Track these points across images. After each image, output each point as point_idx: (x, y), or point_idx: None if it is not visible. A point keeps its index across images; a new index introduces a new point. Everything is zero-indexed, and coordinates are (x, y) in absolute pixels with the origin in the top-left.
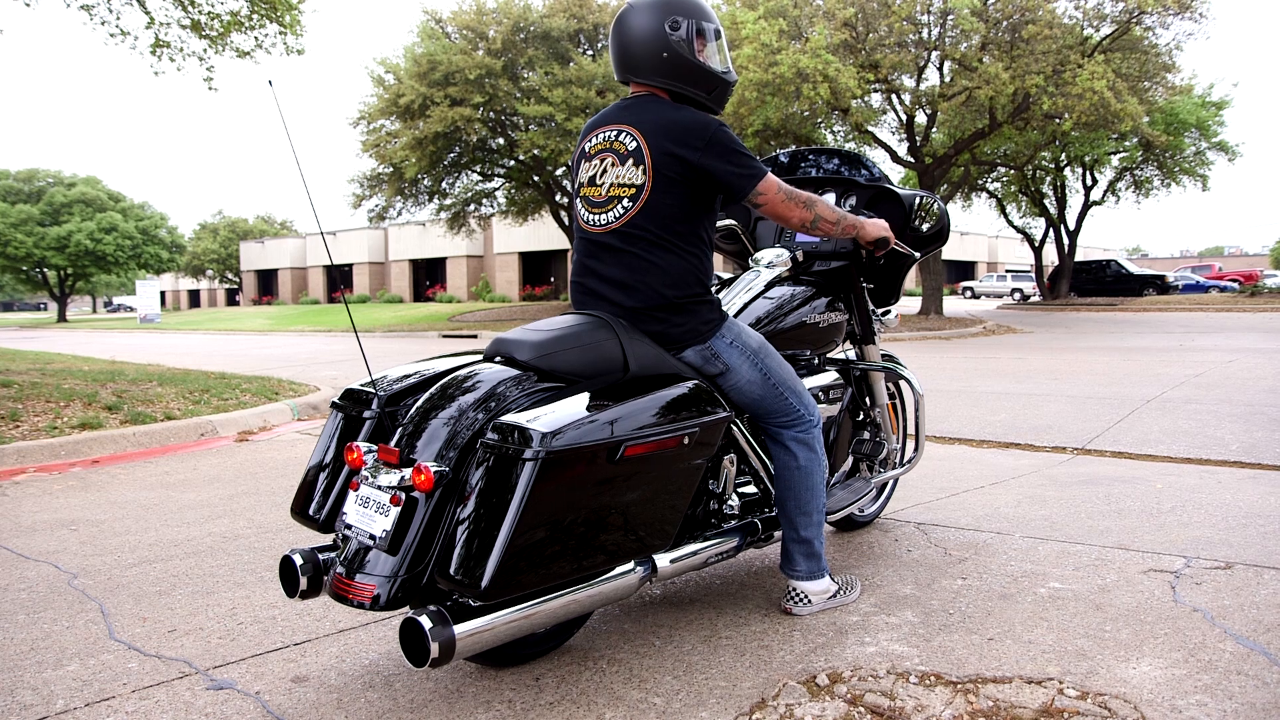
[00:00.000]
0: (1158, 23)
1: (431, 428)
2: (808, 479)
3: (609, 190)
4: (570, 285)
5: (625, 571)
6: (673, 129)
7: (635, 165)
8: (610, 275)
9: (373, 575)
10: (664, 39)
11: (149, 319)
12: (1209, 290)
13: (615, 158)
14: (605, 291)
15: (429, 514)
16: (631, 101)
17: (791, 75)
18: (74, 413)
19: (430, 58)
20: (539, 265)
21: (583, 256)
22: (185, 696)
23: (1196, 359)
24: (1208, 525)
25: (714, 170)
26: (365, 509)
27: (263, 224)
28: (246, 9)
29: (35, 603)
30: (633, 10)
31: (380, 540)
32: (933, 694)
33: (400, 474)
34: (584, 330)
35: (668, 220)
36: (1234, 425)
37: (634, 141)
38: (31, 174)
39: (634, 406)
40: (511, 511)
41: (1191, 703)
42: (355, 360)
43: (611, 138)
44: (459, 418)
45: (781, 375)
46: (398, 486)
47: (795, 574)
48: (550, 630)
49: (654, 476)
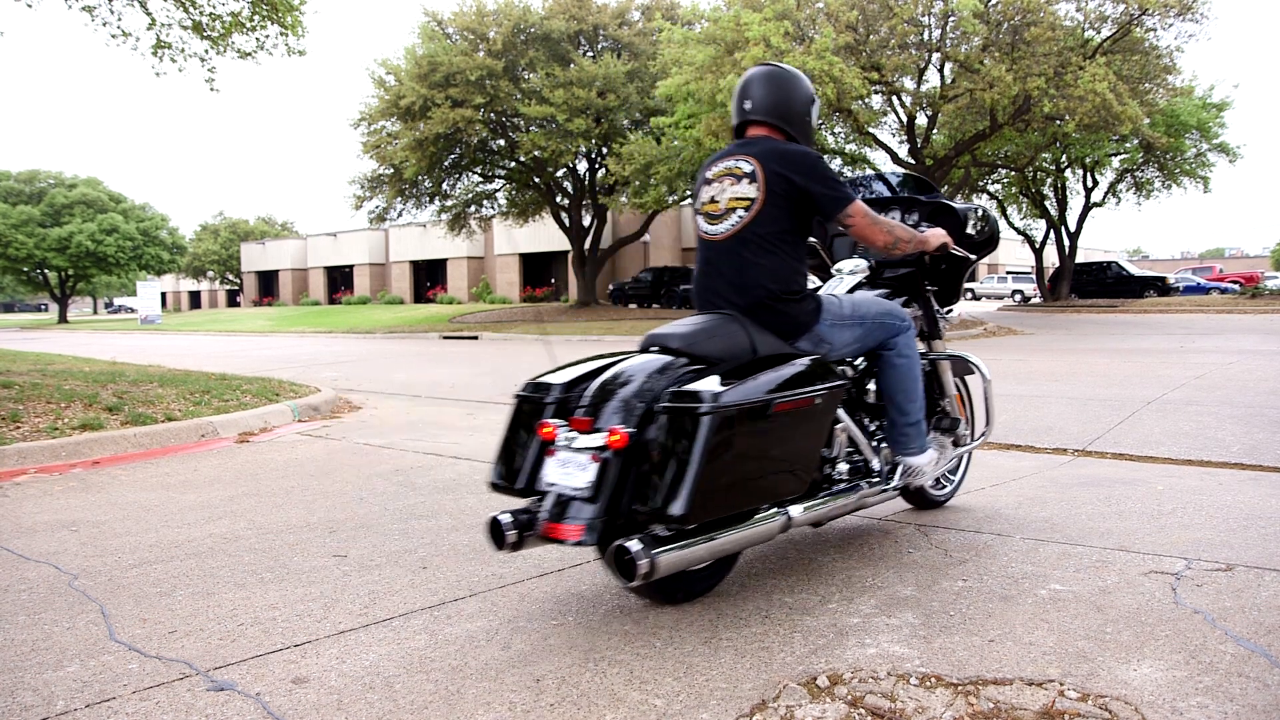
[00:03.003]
0: (1159, 24)
1: (614, 402)
2: (910, 374)
3: (726, 203)
4: (694, 288)
5: (771, 515)
6: (784, 157)
7: (750, 183)
8: (726, 275)
9: (578, 519)
10: (791, 95)
11: (150, 320)
12: (1210, 292)
13: (732, 178)
14: (723, 291)
15: (620, 467)
16: (747, 140)
17: None
18: (75, 414)
19: (431, 59)
20: (540, 266)
21: (702, 263)
22: (186, 698)
23: (1197, 360)
24: (1208, 527)
25: (813, 192)
26: (565, 468)
27: (263, 225)
28: (248, 10)
29: (36, 604)
30: (765, 72)
31: (583, 491)
32: (933, 696)
33: (595, 438)
34: (720, 324)
35: (773, 229)
36: (1235, 427)
37: (749, 165)
38: (32, 175)
39: (774, 375)
40: (695, 456)
41: (1192, 704)
42: (355, 361)
43: (730, 165)
44: (636, 392)
45: (872, 313)
46: (595, 448)
47: (909, 451)
48: (710, 568)
49: (794, 429)
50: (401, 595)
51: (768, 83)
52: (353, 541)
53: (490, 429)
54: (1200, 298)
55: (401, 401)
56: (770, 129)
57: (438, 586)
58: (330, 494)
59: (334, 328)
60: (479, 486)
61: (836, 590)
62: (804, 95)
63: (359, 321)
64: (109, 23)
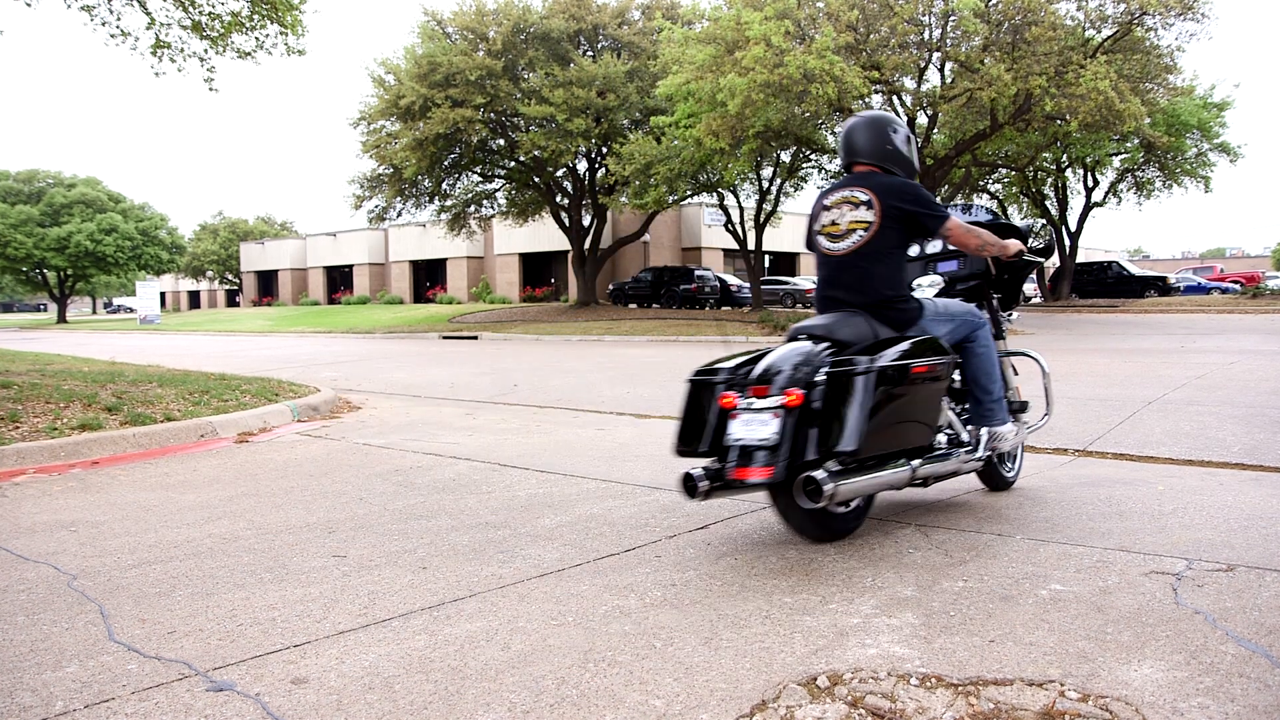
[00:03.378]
0: (1159, 23)
1: (782, 374)
2: (990, 359)
3: (847, 225)
4: (816, 297)
5: (901, 465)
6: (893, 189)
7: (867, 209)
8: (847, 284)
9: (766, 462)
10: (887, 138)
11: (149, 320)
12: (1210, 292)
13: (850, 205)
14: (843, 296)
15: (795, 421)
16: (857, 175)
17: (799, 76)
18: (74, 414)
19: (431, 59)
20: (539, 266)
21: (824, 276)
22: (185, 698)
23: (1198, 360)
24: (1209, 527)
25: (919, 214)
26: (748, 426)
27: (263, 225)
28: (247, 9)
29: (34, 604)
30: (866, 120)
31: (768, 440)
32: (934, 696)
33: (774, 400)
34: (850, 317)
35: (886, 245)
36: (1236, 427)
37: (865, 195)
38: (31, 175)
39: (906, 347)
40: (857, 404)
41: (1193, 705)
42: (355, 361)
43: (847, 195)
44: (799, 365)
45: (958, 311)
46: (775, 406)
47: (994, 422)
48: (852, 513)
49: (923, 391)
50: (401, 595)
51: (869, 129)
52: (352, 542)
53: (490, 429)
54: (1201, 298)
55: (401, 401)
56: (873, 166)
57: (437, 587)
58: (329, 494)
59: (333, 328)
60: (479, 486)
61: (837, 590)
62: (900, 136)
63: (358, 321)
64: (108, 22)
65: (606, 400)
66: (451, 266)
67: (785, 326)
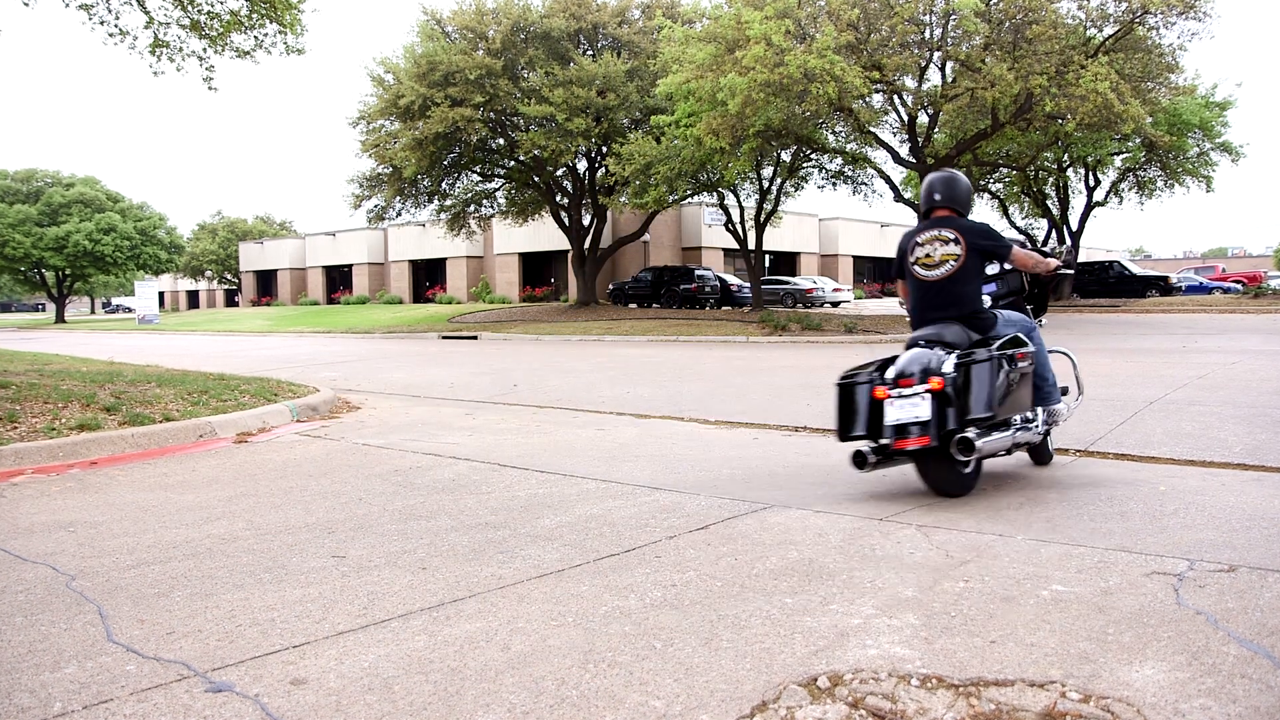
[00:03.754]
0: (1161, 22)
1: (921, 368)
2: (1043, 353)
3: (940, 257)
4: (913, 312)
5: (1008, 431)
6: (974, 229)
7: (955, 245)
8: (942, 303)
9: (922, 433)
10: (964, 192)
11: (147, 320)
12: (1212, 291)
13: (940, 242)
14: (941, 311)
15: (939, 401)
16: (940, 218)
17: (799, 75)
18: (72, 414)
19: (430, 58)
20: (539, 266)
21: (920, 296)
22: (184, 699)
23: (1200, 360)
24: (1211, 528)
25: (993, 249)
26: (902, 410)
27: (261, 225)
28: (246, 9)
29: (33, 605)
30: (945, 176)
31: (921, 418)
32: (934, 697)
33: (922, 386)
34: (950, 326)
35: (969, 272)
36: (1237, 427)
37: (952, 234)
38: (30, 174)
39: (1005, 342)
40: (984, 384)
41: (1195, 706)
42: (354, 361)
43: (936, 234)
44: (930, 361)
45: (1016, 319)
46: (924, 391)
47: (1051, 401)
48: (972, 472)
49: (1021, 372)
50: (400, 596)
51: (947, 183)
52: (351, 542)
53: (490, 429)
54: (1203, 297)
55: (400, 401)
56: (950, 210)
57: (437, 587)
58: (329, 494)
59: (332, 327)
60: (478, 487)
61: (837, 591)
62: (968, 188)
63: (358, 321)
64: (106, 21)
65: (606, 400)
66: (451, 266)
67: (786, 326)
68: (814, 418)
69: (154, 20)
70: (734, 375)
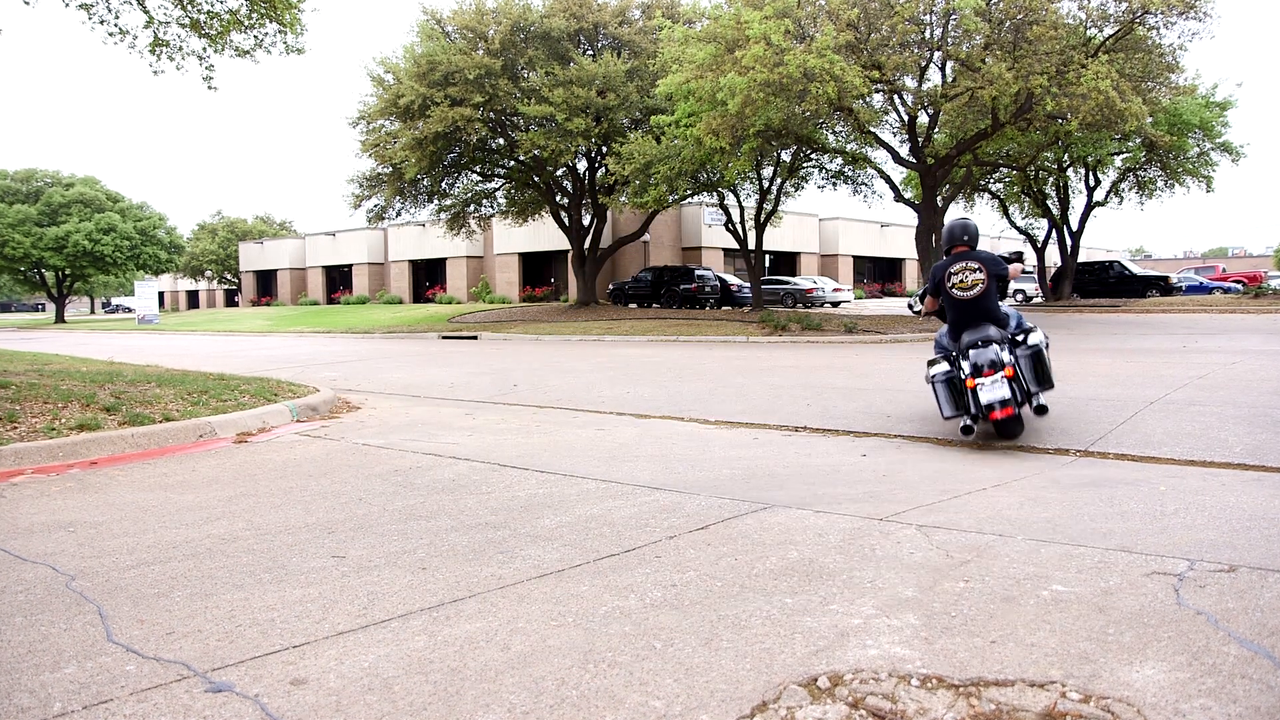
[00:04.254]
0: (1162, 22)
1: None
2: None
3: (971, 283)
4: (954, 323)
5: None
6: (990, 260)
7: (980, 273)
8: (976, 313)
9: (1005, 406)
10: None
11: (147, 320)
12: (1213, 291)
13: (969, 271)
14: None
15: (1013, 383)
16: (963, 253)
17: (799, 75)
18: (72, 414)
19: (430, 58)
20: (539, 266)
21: (960, 309)
22: (184, 699)
23: (1200, 361)
24: (1211, 528)
25: (1003, 273)
26: (989, 393)
27: (261, 224)
28: (246, 8)
29: (33, 605)
30: (964, 222)
31: (1004, 396)
32: (934, 697)
33: (1000, 373)
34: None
35: (990, 291)
36: (1238, 427)
37: (977, 264)
38: (29, 174)
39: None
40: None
41: (1195, 706)
42: (354, 361)
43: (965, 264)
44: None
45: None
46: (1002, 377)
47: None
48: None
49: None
50: (400, 596)
51: (966, 228)
52: (351, 542)
53: (490, 429)
54: (1203, 297)
55: (400, 401)
56: (967, 246)
57: (436, 587)
58: (329, 494)
59: (332, 327)
60: (478, 487)
61: (838, 591)
62: (977, 229)
63: (357, 321)
64: (106, 20)
65: (606, 400)
66: (451, 266)
67: (786, 326)
68: (814, 418)
69: (154, 19)
70: (734, 375)
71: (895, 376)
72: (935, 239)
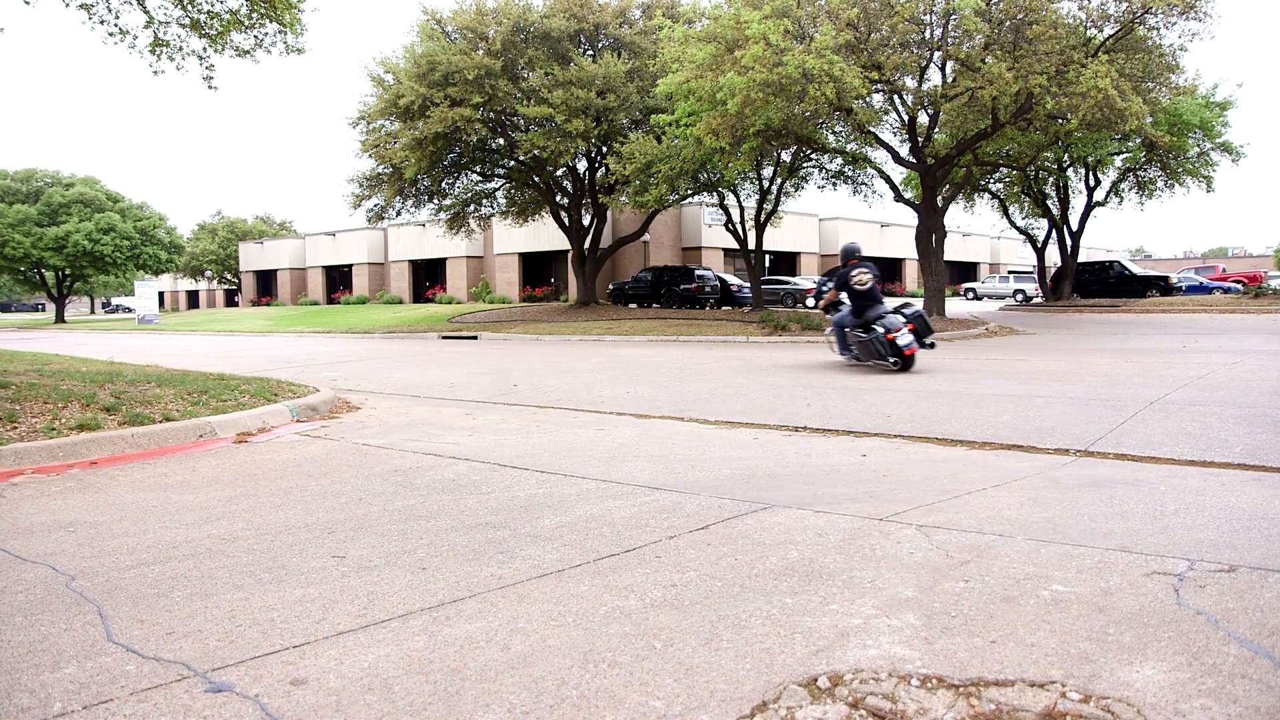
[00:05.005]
0: (1162, 22)
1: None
2: None
3: (866, 280)
4: (856, 306)
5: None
6: (873, 269)
7: (870, 274)
8: (871, 300)
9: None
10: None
11: (147, 320)
12: (1213, 291)
13: (864, 272)
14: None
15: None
16: (858, 262)
17: (798, 75)
18: (72, 414)
19: (430, 58)
20: (539, 266)
21: (862, 296)
22: (184, 699)
23: (1200, 361)
24: (1211, 528)
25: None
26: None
27: (261, 224)
28: (246, 8)
29: (33, 605)
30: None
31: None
32: (934, 697)
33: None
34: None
35: (876, 285)
36: (1238, 427)
37: (868, 269)
38: (29, 174)
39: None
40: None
41: (1195, 706)
42: (354, 361)
43: (862, 269)
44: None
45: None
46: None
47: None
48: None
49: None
50: (400, 596)
51: (858, 249)
52: (351, 542)
53: (490, 429)
54: (1203, 297)
55: (400, 401)
56: (857, 259)
57: (437, 587)
58: (329, 494)
59: (332, 327)
60: (478, 487)
61: (838, 591)
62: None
63: (357, 321)
64: (106, 20)
65: (606, 400)
66: (451, 266)
67: (786, 326)
68: (814, 418)
69: (154, 19)
70: (734, 375)
71: (894, 376)
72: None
